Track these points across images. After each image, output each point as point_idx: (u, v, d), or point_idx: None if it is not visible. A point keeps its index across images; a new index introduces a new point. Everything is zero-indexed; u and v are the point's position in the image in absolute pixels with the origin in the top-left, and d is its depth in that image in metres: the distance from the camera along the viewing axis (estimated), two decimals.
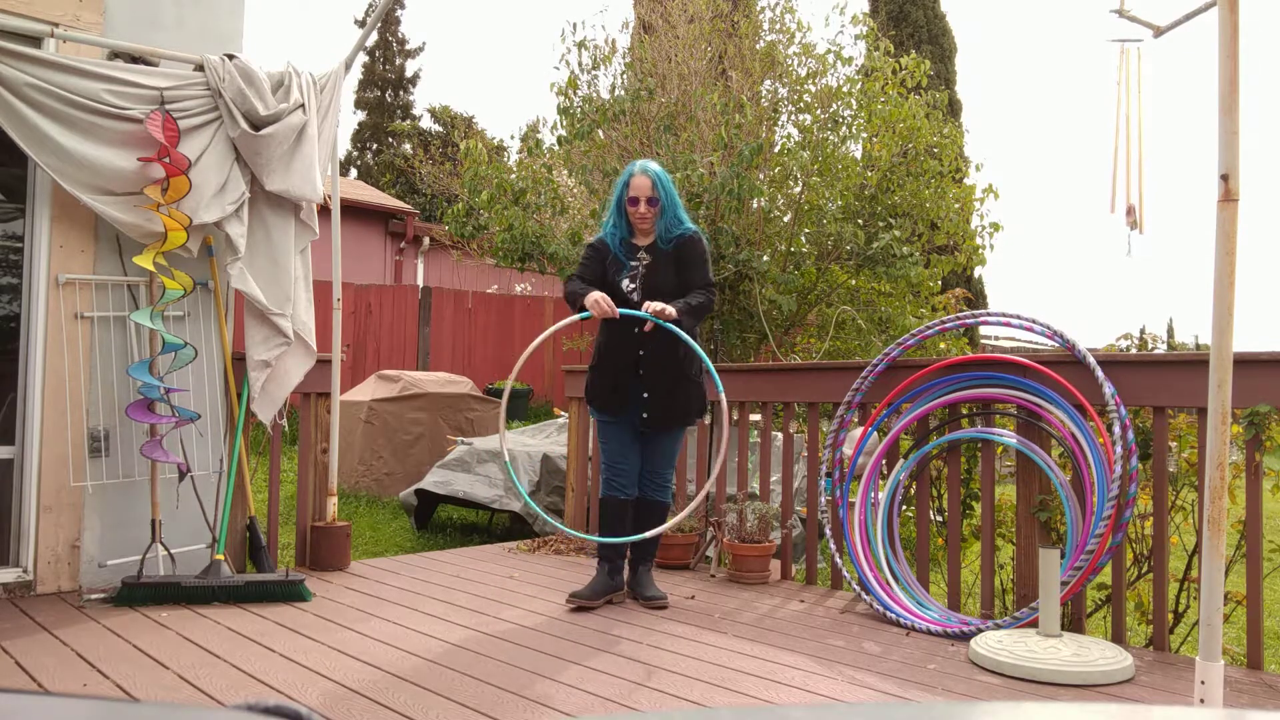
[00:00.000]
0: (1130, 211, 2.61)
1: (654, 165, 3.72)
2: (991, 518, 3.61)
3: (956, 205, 7.00)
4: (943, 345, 5.48)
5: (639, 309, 3.53)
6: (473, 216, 7.73)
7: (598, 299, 3.50)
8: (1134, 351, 4.42)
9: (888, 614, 3.51)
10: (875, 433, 4.03)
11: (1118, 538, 3.17)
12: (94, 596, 3.55)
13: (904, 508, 4.65)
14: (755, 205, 6.95)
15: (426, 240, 15.53)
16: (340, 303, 4.51)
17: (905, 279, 6.77)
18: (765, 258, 6.79)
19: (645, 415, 3.67)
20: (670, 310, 3.48)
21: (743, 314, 6.70)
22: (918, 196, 6.84)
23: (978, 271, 12.87)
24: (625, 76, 7.55)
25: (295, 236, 4.05)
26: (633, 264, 3.72)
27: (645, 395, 3.66)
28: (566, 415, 5.84)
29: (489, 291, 13.12)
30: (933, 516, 4.33)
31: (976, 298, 12.75)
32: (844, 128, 6.94)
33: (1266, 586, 3.56)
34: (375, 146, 25.36)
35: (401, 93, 26.19)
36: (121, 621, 3.26)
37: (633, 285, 3.68)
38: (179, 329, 3.90)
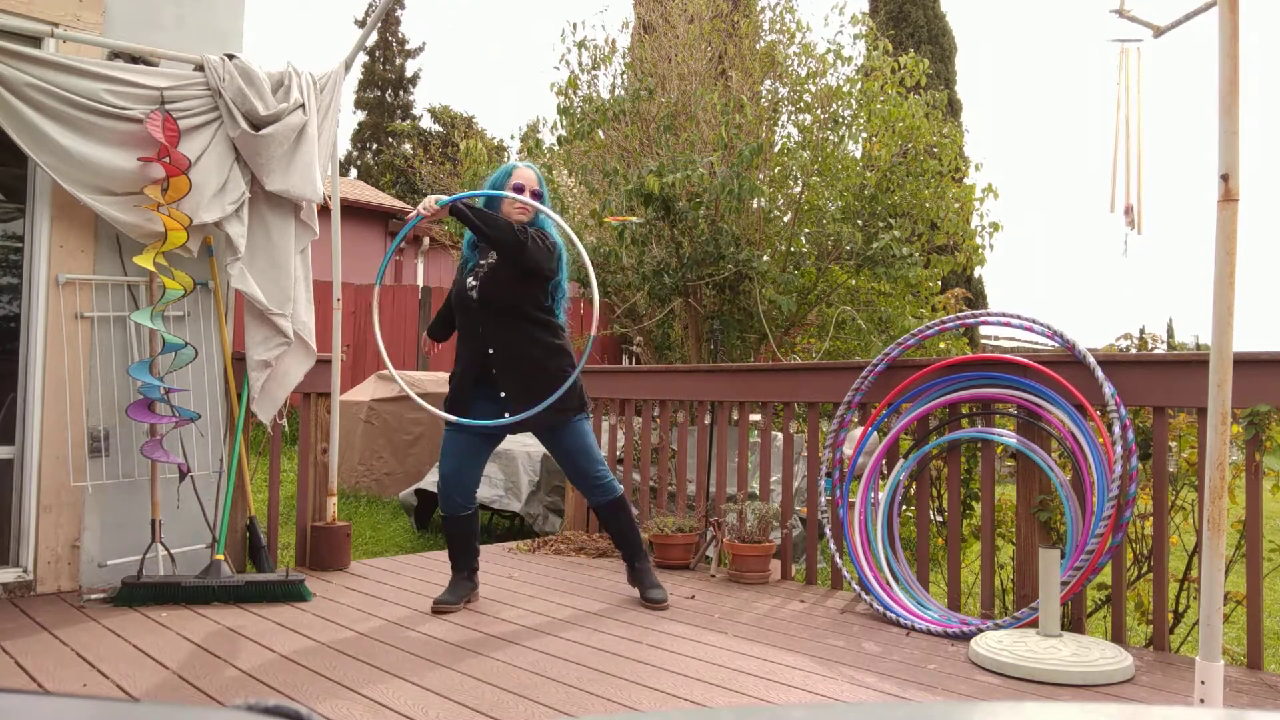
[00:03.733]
0: (1129, 211, 2.61)
1: (535, 166, 3.65)
2: (991, 518, 3.61)
3: (956, 205, 7.00)
4: (943, 345, 5.48)
5: (479, 305, 3.47)
6: None
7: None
8: (1134, 351, 4.42)
9: (888, 614, 3.51)
10: (875, 433, 4.03)
11: (1118, 538, 3.17)
12: (94, 596, 3.55)
13: (904, 508, 4.65)
14: (755, 205, 6.96)
15: (426, 240, 15.53)
16: (340, 303, 4.51)
17: (905, 279, 6.77)
18: (765, 258, 6.79)
19: (507, 414, 3.51)
20: (430, 200, 3.38)
21: (743, 314, 6.70)
22: (917, 196, 6.84)
23: (978, 271, 12.87)
24: (625, 76, 7.55)
25: (295, 236, 4.05)
26: (481, 262, 3.58)
27: (502, 395, 3.52)
28: None
29: None
30: (933, 516, 4.33)
31: (976, 298, 12.75)
32: (844, 128, 6.94)
33: (1266, 586, 3.56)
34: (375, 146, 25.37)
35: (401, 93, 26.20)
36: (121, 621, 3.26)
37: (474, 282, 3.54)
38: (179, 329, 3.90)
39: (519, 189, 3.53)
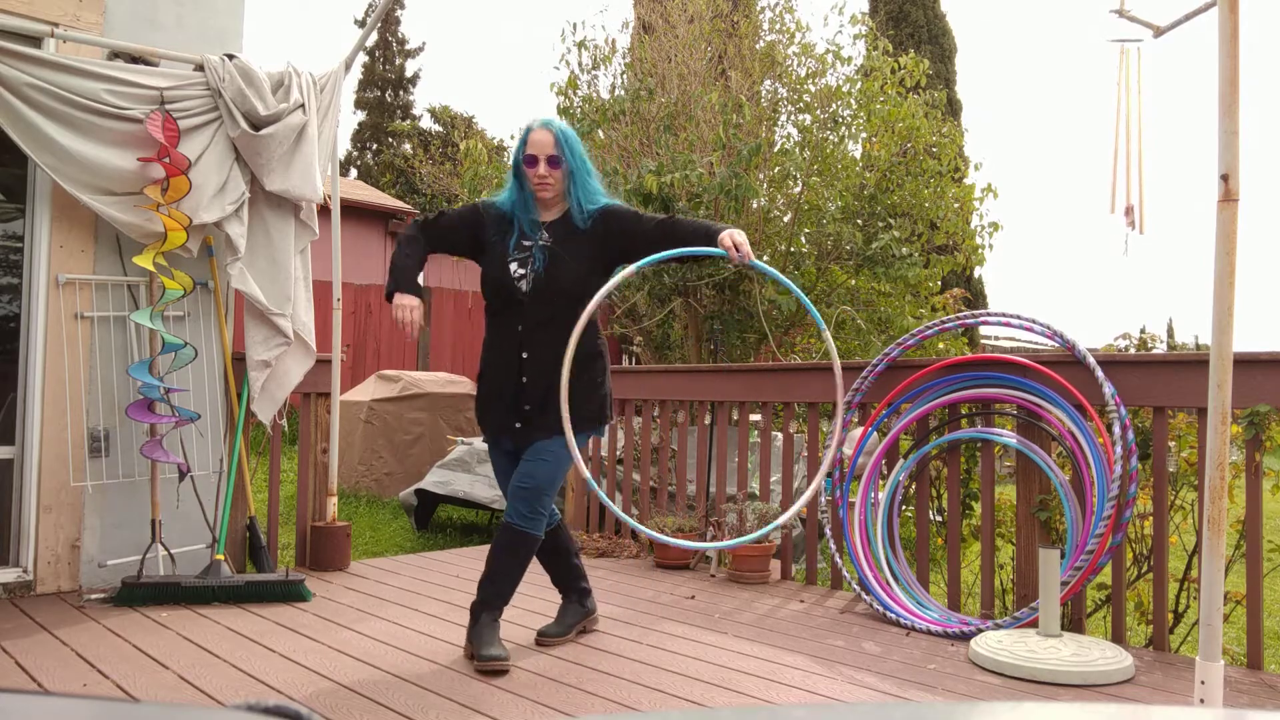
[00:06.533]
0: (1129, 211, 2.61)
1: (558, 121, 3.06)
2: (991, 518, 3.61)
3: (956, 205, 7.01)
4: (942, 345, 5.48)
5: (523, 302, 2.91)
6: None
7: (407, 307, 2.83)
8: (1134, 351, 4.42)
9: (888, 614, 3.51)
10: (875, 433, 4.03)
11: (1118, 538, 3.17)
12: (94, 596, 3.55)
13: (904, 508, 4.65)
14: (755, 205, 6.96)
15: None
16: (340, 303, 4.51)
17: (904, 279, 6.77)
18: (765, 258, 6.79)
19: (518, 425, 2.93)
20: (744, 243, 2.77)
21: (743, 314, 6.70)
22: (917, 196, 6.84)
23: (977, 271, 12.88)
24: (625, 76, 7.56)
25: (295, 236, 4.05)
26: (526, 243, 2.96)
27: (526, 408, 2.91)
28: None
29: None
30: (932, 516, 4.34)
31: (976, 298, 12.75)
32: (843, 128, 6.95)
33: (1266, 586, 3.56)
34: (375, 146, 25.37)
35: (401, 93, 26.20)
36: (121, 621, 3.26)
37: (523, 272, 2.93)
38: (179, 329, 3.90)
39: (532, 160, 2.95)
